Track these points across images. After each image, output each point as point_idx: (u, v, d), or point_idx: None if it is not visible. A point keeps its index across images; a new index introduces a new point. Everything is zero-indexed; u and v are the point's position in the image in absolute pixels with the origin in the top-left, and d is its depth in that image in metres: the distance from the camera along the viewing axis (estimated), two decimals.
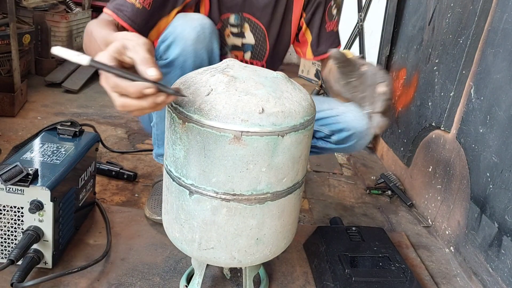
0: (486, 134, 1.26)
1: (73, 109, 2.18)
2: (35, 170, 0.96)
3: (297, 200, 0.89)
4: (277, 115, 0.75)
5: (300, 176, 0.86)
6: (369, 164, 2.03)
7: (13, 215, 0.96)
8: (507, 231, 1.12)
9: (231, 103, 0.74)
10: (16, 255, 0.91)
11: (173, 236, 0.88)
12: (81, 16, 3.07)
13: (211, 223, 0.81)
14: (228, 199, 0.78)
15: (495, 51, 1.26)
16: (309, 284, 1.13)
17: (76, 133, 1.19)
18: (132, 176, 1.55)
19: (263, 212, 0.81)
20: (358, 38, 2.47)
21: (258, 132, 0.73)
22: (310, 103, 0.84)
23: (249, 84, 0.78)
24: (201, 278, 0.95)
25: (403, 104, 1.88)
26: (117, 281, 1.04)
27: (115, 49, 0.66)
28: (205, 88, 0.77)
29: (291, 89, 0.82)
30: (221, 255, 0.84)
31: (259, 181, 0.77)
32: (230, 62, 0.87)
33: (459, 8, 1.50)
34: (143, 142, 1.92)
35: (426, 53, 1.72)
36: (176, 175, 0.82)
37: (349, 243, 1.19)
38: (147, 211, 1.29)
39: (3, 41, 2.16)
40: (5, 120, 1.90)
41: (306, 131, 0.80)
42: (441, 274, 1.28)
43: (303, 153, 0.82)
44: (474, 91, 1.35)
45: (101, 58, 0.65)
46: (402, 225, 1.54)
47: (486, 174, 1.24)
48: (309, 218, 1.50)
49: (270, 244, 0.86)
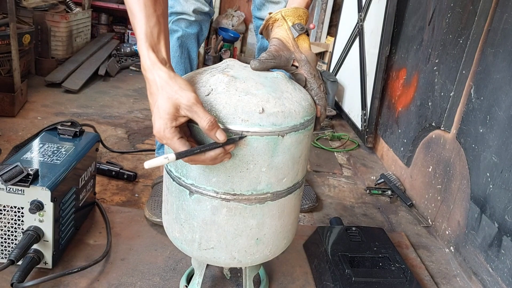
0: (486, 134, 1.26)
1: (73, 109, 2.18)
2: (35, 170, 0.96)
3: (297, 200, 0.89)
4: (277, 115, 0.75)
5: (300, 176, 0.86)
6: (369, 164, 2.03)
7: (13, 215, 0.96)
8: (507, 231, 1.12)
9: (231, 103, 0.74)
10: (16, 255, 0.91)
11: (173, 236, 0.88)
12: (81, 16, 3.07)
13: (211, 223, 0.81)
14: (228, 199, 0.78)
15: (495, 51, 1.26)
16: (309, 284, 1.13)
17: (76, 133, 1.19)
18: (132, 176, 1.55)
19: (263, 212, 0.81)
20: (358, 38, 2.47)
21: (258, 132, 0.73)
22: (310, 103, 0.83)
23: (249, 84, 0.78)
24: (201, 278, 0.95)
25: (403, 104, 1.88)
26: (117, 281, 1.04)
27: (169, 116, 0.69)
28: (205, 88, 0.77)
29: (291, 89, 0.82)
30: (221, 255, 0.84)
31: (259, 181, 0.77)
32: (230, 62, 0.87)
33: (459, 8, 1.50)
34: (143, 142, 1.92)
35: (426, 53, 1.72)
36: (176, 175, 0.82)
37: (349, 243, 1.19)
38: (147, 212, 1.29)
39: (3, 41, 2.17)
40: (5, 120, 1.90)
41: (306, 131, 0.80)
42: (441, 274, 1.28)
43: (303, 153, 0.82)
44: (474, 91, 1.35)
45: (164, 133, 0.69)
46: (402, 225, 1.54)
47: (486, 174, 1.24)
48: (309, 218, 1.50)
49: (270, 244, 0.86)
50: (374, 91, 2.11)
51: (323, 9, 3.61)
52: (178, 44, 1.35)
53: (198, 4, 1.33)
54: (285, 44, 0.88)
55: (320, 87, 0.87)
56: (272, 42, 0.89)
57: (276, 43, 0.88)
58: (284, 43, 0.88)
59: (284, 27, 0.89)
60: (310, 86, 0.87)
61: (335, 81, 2.64)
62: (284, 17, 0.89)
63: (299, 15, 0.90)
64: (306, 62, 0.87)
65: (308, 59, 0.88)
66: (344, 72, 2.75)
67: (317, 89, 0.87)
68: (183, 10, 1.33)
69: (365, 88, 2.28)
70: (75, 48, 3.00)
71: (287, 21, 0.89)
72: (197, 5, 1.33)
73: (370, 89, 2.19)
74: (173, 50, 1.34)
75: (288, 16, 0.89)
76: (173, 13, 1.32)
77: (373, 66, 2.16)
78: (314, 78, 0.87)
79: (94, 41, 3.30)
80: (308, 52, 0.88)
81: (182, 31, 1.35)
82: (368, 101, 2.21)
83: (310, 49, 0.90)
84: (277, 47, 0.87)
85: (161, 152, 1.48)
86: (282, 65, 0.87)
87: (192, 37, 1.38)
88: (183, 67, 1.38)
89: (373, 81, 2.13)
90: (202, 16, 1.38)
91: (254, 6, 1.45)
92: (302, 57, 0.87)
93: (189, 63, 1.40)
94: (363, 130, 2.23)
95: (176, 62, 1.35)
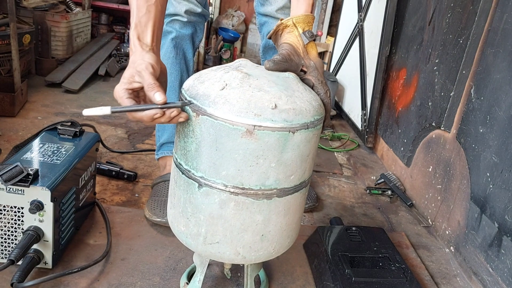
0: (486, 134, 1.26)
1: (73, 109, 2.18)
2: (35, 170, 0.96)
3: (302, 200, 0.90)
4: (288, 112, 0.76)
5: (307, 175, 0.86)
6: (369, 164, 2.03)
7: (13, 215, 0.96)
8: (507, 231, 1.12)
9: (244, 98, 0.76)
10: (16, 255, 0.91)
11: (178, 230, 0.89)
12: (81, 16, 3.07)
13: (218, 217, 0.82)
14: (236, 193, 0.79)
15: (495, 51, 1.26)
16: (309, 284, 1.13)
17: (76, 133, 1.19)
18: (132, 176, 1.55)
19: (269, 208, 0.82)
20: (358, 38, 2.47)
21: (270, 127, 0.75)
22: (320, 104, 0.86)
23: (262, 81, 0.80)
24: (203, 276, 0.96)
25: (403, 104, 1.88)
26: (117, 281, 1.04)
27: (126, 80, 0.79)
28: (219, 83, 0.79)
29: (302, 89, 0.84)
30: (226, 250, 0.84)
31: (268, 176, 0.79)
32: (243, 61, 0.89)
33: (459, 8, 1.50)
34: (143, 142, 1.92)
35: (426, 53, 1.72)
36: (186, 168, 0.82)
37: (349, 243, 1.19)
38: (147, 212, 1.29)
39: (3, 41, 2.17)
40: (5, 120, 1.90)
41: (315, 130, 0.82)
42: (441, 274, 1.28)
43: (311, 152, 0.84)
44: (474, 91, 1.35)
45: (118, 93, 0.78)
46: (402, 225, 1.54)
47: (486, 174, 1.24)
48: (309, 218, 1.50)
49: (275, 241, 0.87)
50: (374, 91, 2.11)
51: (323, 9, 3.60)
52: (173, 45, 1.36)
53: (190, 5, 1.34)
54: (295, 50, 0.92)
55: (326, 93, 0.90)
56: (283, 46, 0.92)
57: (288, 47, 0.91)
58: (294, 49, 0.92)
59: (294, 34, 0.93)
60: (317, 91, 0.90)
61: (335, 81, 2.64)
62: (295, 24, 0.93)
63: (308, 22, 0.95)
64: (314, 69, 0.91)
65: (316, 65, 0.92)
66: (344, 72, 2.75)
67: (323, 95, 0.90)
68: (175, 11, 1.34)
69: (365, 88, 2.28)
70: (75, 48, 3.00)
71: (297, 28, 0.93)
72: (190, 6, 1.34)
73: (370, 89, 2.19)
74: (168, 51, 1.35)
75: (298, 23, 0.93)
76: (167, 14, 1.33)
77: (373, 66, 2.16)
78: (321, 84, 0.91)
79: (94, 41, 3.30)
80: (316, 59, 0.93)
81: (176, 32, 1.36)
82: (368, 101, 2.21)
83: (318, 56, 0.94)
84: (288, 51, 0.91)
85: (161, 153, 1.48)
86: (292, 69, 0.90)
87: (187, 38, 1.39)
88: (179, 68, 1.38)
89: (373, 81, 2.13)
90: (196, 17, 1.38)
91: (258, 2, 1.45)
92: (311, 63, 0.91)
93: (185, 64, 1.41)
94: (363, 130, 2.23)
95: (172, 63, 1.36)
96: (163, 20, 0.92)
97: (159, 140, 1.48)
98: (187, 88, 0.82)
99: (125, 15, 3.75)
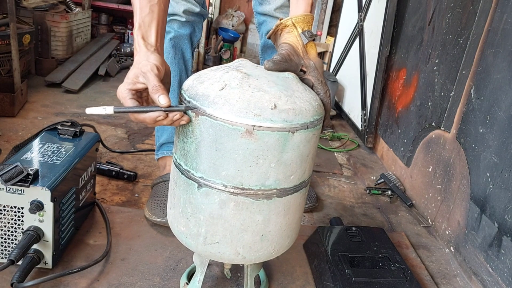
0: (486, 134, 1.26)
1: (73, 109, 2.18)
2: (35, 170, 0.96)
3: (302, 200, 0.90)
4: (288, 112, 0.76)
5: (307, 175, 0.86)
6: (369, 164, 2.03)
7: (13, 215, 0.96)
8: (507, 231, 1.12)
9: (244, 98, 0.76)
10: (16, 255, 0.91)
11: (178, 230, 0.89)
12: (81, 16, 3.07)
13: (218, 217, 0.82)
14: (236, 193, 0.79)
15: (495, 51, 1.26)
16: (309, 284, 1.13)
17: (76, 133, 1.19)
18: (132, 176, 1.55)
19: (269, 208, 0.82)
20: (358, 38, 2.47)
21: (269, 127, 0.75)
22: (319, 104, 0.86)
23: (262, 81, 0.80)
24: (203, 276, 0.96)
25: (403, 104, 1.88)
26: (117, 281, 1.04)
27: (130, 80, 0.79)
28: (219, 83, 0.79)
29: (302, 89, 0.84)
30: (226, 250, 0.84)
31: (268, 176, 0.79)
32: (242, 61, 0.89)
33: (459, 8, 1.50)
34: (143, 142, 1.92)
35: (426, 53, 1.72)
36: (185, 168, 0.83)
37: (349, 243, 1.19)
38: (147, 212, 1.29)
39: (3, 41, 2.17)
40: (5, 120, 1.90)
41: (315, 130, 0.82)
42: (441, 274, 1.28)
43: (311, 152, 0.84)
44: (474, 91, 1.35)
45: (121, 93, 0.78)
46: (402, 225, 1.54)
47: (486, 174, 1.24)
48: (309, 218, 1.50)
49: (275, 241, 0.87)
50: (374, 91, 2.11)
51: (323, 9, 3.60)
52: (171, 45, 1.36)
53: (188, 5, 1.34)
54: (295, 50, 0.91)
55: (326, 93, 0.90)
56: (283, 46, 0.92)
57: (287, 47, 0.91)
58: (294, 49, 0.91)
59: (294, 34, 0.93)
60: (316, 91, 0.90)
61: (335, 81, 2.64)
62: (295, 24, 0.93)
63: (308, 21, 0.94)
64: (314, 68, 0.91)
65: (316, 65, 0.92)
66: (344, 72, 2.75)
67: (323, 95, 0.90)
68: (173, 11, 1.34)
69: (365, 88, 2.28)
70: (75, 48, 3.00)
71: (297, 27, 0.93)
72: (188, 6, 1.34)
73: (370, 89, 2.19)
74: (166, 51, 1.35)
75: (298, 23, 0.93)
76: None
77: (373, 66, 2.16)
78: (321, 84, 0.90)
79: (94, 41, 3.30)
80: (316, 59, 0.92)
81: (174, 32, 1.36)
82: (368, 101, 2.21)
83: (317, 56, 0.93)
84: (288, 51, 0.90)
85: (160, 153, 1.48)
86: (292, 69, 0.90)
87: (185, 38, 1.39)
88: (178, 68, 1.38)
89: (373, 81, 2.13)
90: (194, 17, 1.38)
91: (256, 1, 1.45)
92: (310, 63, 0.91)
93: (184, 64, 1.41)
94: (363, 130, 2.23)
95: (170, 63, 1.36)
96: (166, 20, 0.92)
97: (158, 140, 1.48)
98: (186, 88, 0.82)
99: (125, 15, 3.75)
